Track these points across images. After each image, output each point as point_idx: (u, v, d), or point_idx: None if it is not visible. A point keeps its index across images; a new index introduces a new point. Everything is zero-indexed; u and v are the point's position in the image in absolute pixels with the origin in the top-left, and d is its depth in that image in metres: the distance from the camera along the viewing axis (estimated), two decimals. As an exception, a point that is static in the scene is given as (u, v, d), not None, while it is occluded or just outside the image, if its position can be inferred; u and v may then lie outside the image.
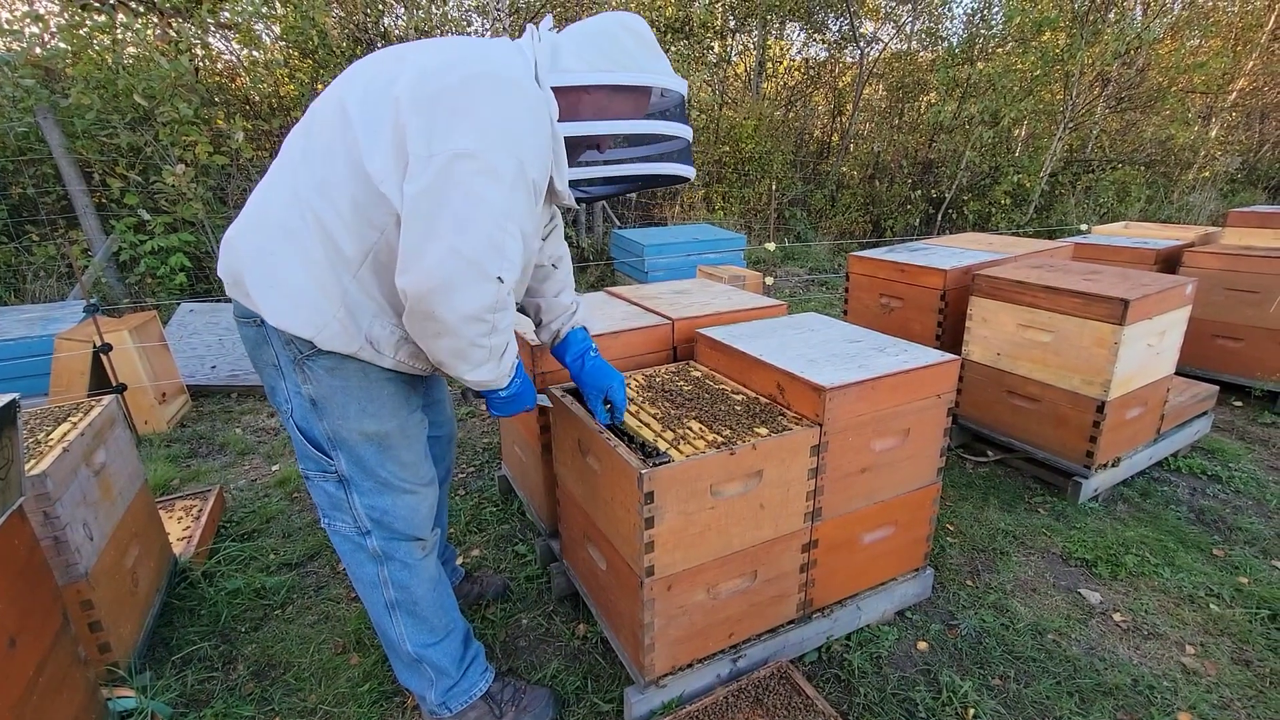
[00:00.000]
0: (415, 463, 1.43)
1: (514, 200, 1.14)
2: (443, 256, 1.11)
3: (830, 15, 9.31)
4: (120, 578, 1.76)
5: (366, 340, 1.25)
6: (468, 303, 1.14)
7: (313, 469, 1.40)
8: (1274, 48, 10.74)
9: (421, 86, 1.11)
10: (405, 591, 1.47)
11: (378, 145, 1.13)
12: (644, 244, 5.37)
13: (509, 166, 1.12)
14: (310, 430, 1.36)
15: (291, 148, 1.26)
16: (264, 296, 1.22)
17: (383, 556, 1.43)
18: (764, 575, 1.63)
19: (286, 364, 1.30)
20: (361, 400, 1.31)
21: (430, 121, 1.09)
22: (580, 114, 1.28)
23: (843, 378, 1.58)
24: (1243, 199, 10.19)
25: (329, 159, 1.18)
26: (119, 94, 4.57)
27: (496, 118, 1.11)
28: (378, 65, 1.22)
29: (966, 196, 8.69)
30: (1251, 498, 2.62)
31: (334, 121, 1.19)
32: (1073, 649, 1.87)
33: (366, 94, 1.18)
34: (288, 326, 1.21)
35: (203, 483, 2.86)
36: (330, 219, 1.17)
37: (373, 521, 1.41)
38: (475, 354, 1.23)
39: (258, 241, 1.23)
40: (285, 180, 1.23)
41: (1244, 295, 3.29)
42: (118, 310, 4.49)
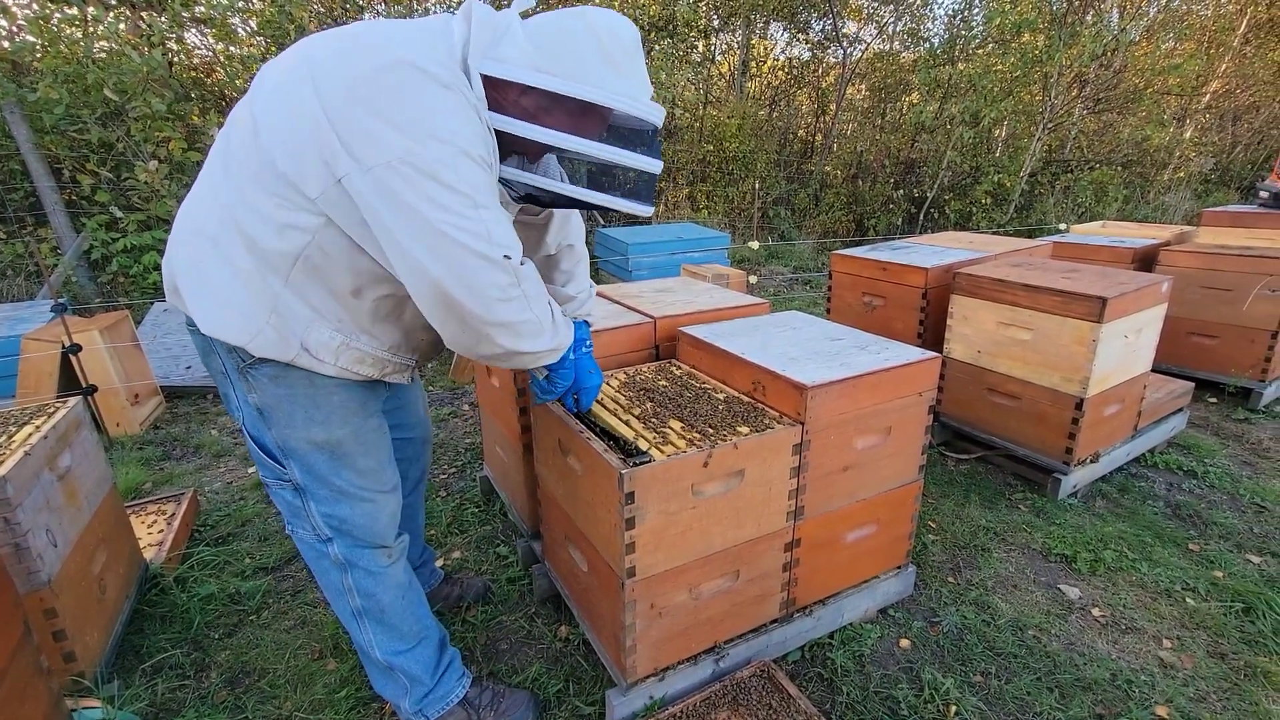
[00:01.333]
0: (374, 469, 1.38)
1: (472, 185, 1.07)
2: (439, 269, 1.07)
3: (813, 15, 9.35)
4: (86, 585, 1.71)
5: (302, 348, 1.20)
6: (487, 290, 1.10)
7: (269, 476, 1.36)
8: (1245, 51, 10.97)
9: (330, 90, 1.05)
10: (371, 599, 1.43)
11: (294, 151, 1.07)
12: (628, 243, 5.35)
13: (444, 154, 1.04)
14: (261, 438, 1.32)
15: (213, 156, 1.21)
16: (197, 305, 1.18)
17: (346, 564, 1.39)
18: (746, 575, 1.62)
19: (232, 372, 1.26)
20: (308, 408, 1.26)
21: (350, 132, 1.03)
22: (507, 111, 1.16)
23: (824, 376, 1.57)
24: (1216, 199, 10.39)
25: (245, 166, 1.13)
26: (89, 88, 4.46)
27: (409, 111, 1.03)
28: (284, 66, 1.14)
29: (948, 196, 8.78)
30: (1226, 492, 2.66)
31: (247, 130, 1.14)
32: (1052, 644, 1.89)
33: (272, 99, 1.12)
34: (220, 334, 1.17)
35: (176, 486, 2.79)
36: (252, 224, 1.12)
37: (332, 529, 1.37)
38: (524, 327, 1.18)
39: (187, 251, 1.19)
40: (208, 189, 1.19)
41: (1218, 293, 3.34)
42: (89, 310, 4.38)
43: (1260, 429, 3.23)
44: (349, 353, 1.25)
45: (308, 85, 1.07)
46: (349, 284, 1.19)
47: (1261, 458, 2.95)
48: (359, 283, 1.19)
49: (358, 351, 1.26)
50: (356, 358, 1.27)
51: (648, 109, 1.17)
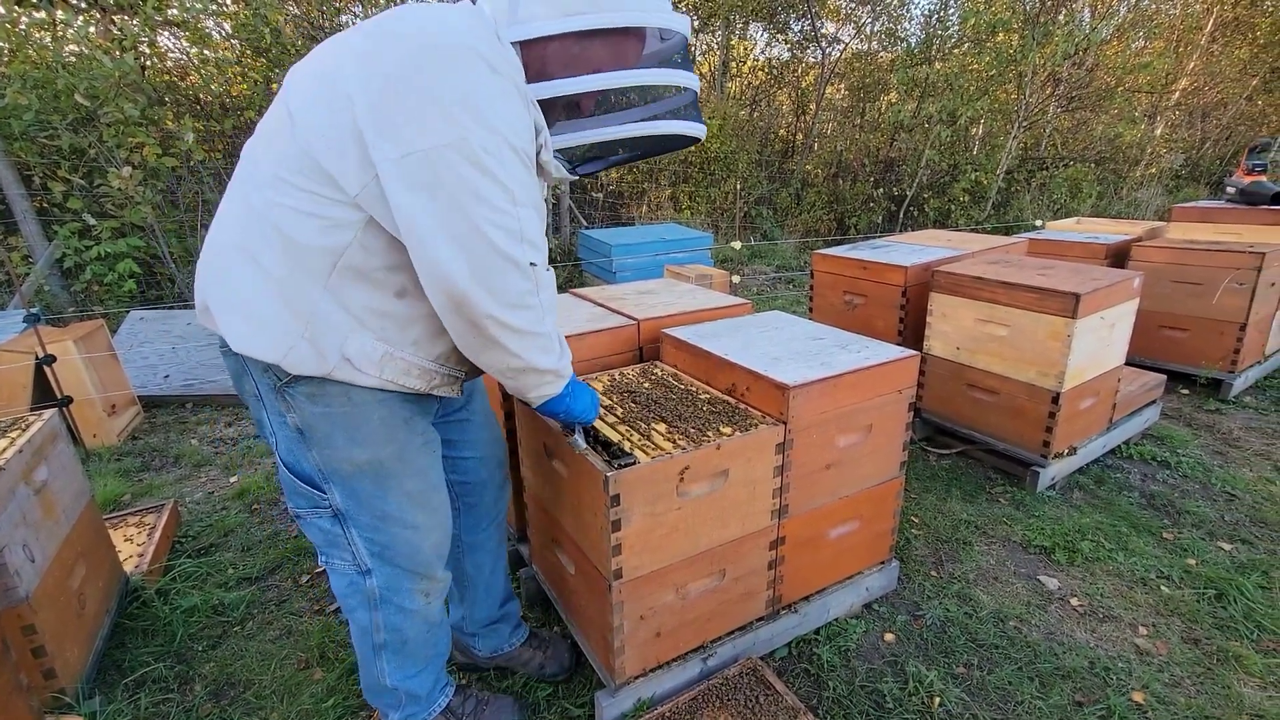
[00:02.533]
0: (422, 492, 1.29)
1: (510, 177, 1.03)
2: (461, 264, 1.02)
3: (792, 16, 9.42)
4: (65, 599, 1.68)
5: (343, 358, 1.11)
6: (504, 295, 1.06)
7: (304, 506, 1.27)
8: (1213, 49, 11.23)
9: (368, 76, 1.00)
10: (396, 634, 1.36)
11: (334, 144, 1.02)
12: (611, 244, 5.36)
13: (490, 143, 1.00)
14: (298, 464, 1.23)
15: (244, 161, 1.16)
16: (227, 321, 1.11)
17: (379, 600, 1.32)
18: (732, 574, 1.63)
19: (267, 392, 1.18)
20: (347, 428, 1.17)
21: (388, 117, 0.98)
22: (549, 70, 1.10)
23: (806, 375, 1.59)
24: (1186, 194, 10.63)
25: (282, 164, 1.07)
26: (59, 94, 4.37)
27: (457, 94, 0.98)
28: (318, 59, 1.10)
29: (927, 194, 8.89)
30: (1198, 482, 2.73)
31: (282, 128, 1.08)
32: (1033, 634, 1.92)
33: (310, 91, 1.07)
34: (251, 351, 1.10)
35: (156, 497, 2.76)
36: (291, 223, 1.05)
37: (373, 557, 1.29)
38: (537, 341, 1.14)
39: (216, 263, 1.13)
40: (237, 195, 1.13)
41: (1188, 287, 3.42)
42: (62, 320, 4.30)
43: (1230, 419, 3.31)
44: (393, 363, 1.16)
45: (349, 69, 1.01)
46: (394, 285, 1.12)
47: (1232, 447, 3.03)
48: (404, 284, 1.12)
49: (403, 362, 1.17)
50: (402, 369, 1.18)
51: (680, 21, 1.14)
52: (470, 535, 1.62)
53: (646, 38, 1.14)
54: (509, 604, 1.75)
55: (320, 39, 5.76)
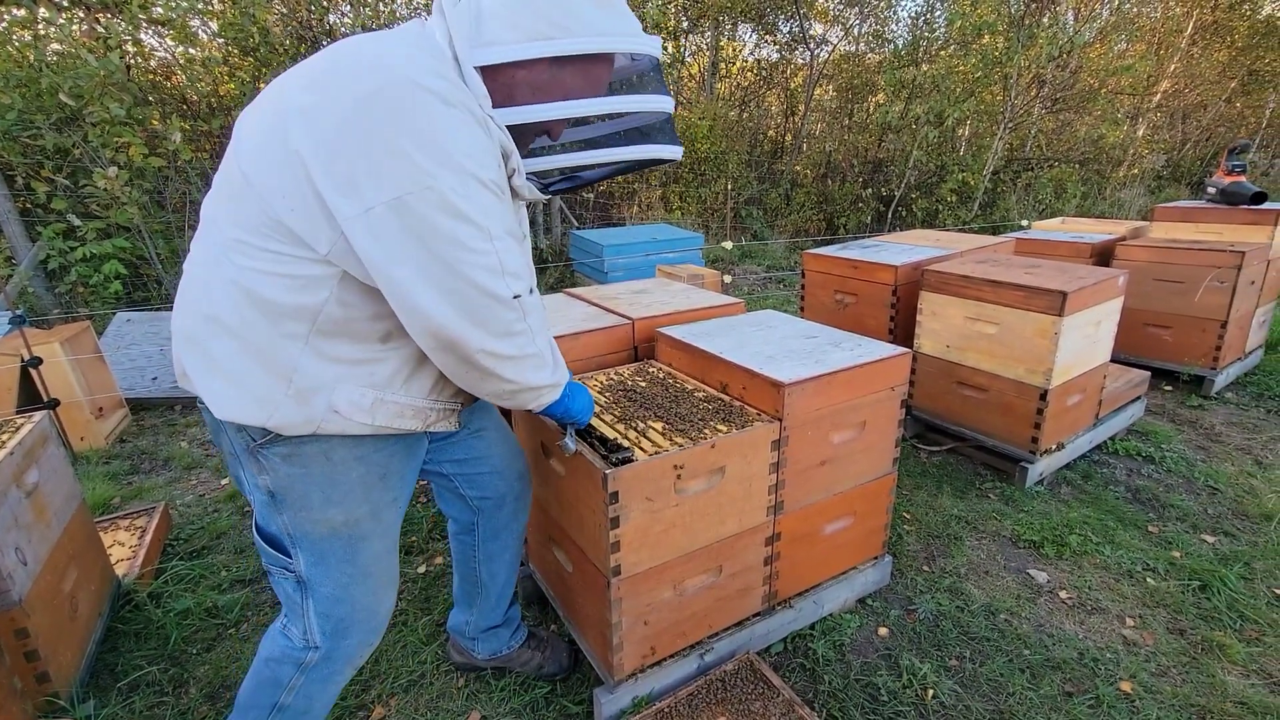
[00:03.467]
0: (389, 552, 1.27)
1: (481, 213, 1.00)
2: (446, 309, 1.01)
3: (780, 17, 9.47)
4: (58, 603, 1.67)
5: (331, 411, 1.08)
6: (491, 328, 1.06)
7: (272, 563, 1.23)
8: (1192, 52, 11.41)
9: (315, 134, 0.95)
10: (306, 702, 1.29)
11: (296, 205, 0.98)
12: (603, 244, 5.37)
13: (455, 183, 0.96)
14: (267, 527, 1.20)
15: (204, 222, 1.11)
16: (206, 385, 1.08)
17: (311, 667, 1.25)
18: (729, 570, 1.65)
19: (241, 453, 1.14)
20: (324, 488, 1.14)
21: (343, 175, 0.94)
22: (517, 97, 1.06)
23: (800, 373, 1.61)
24: (1168, 194, 10.80)
25: (244, 225, 1.02)
26: (43, 93, 4.32)
27: (410, 137, 0.94)
28: (260, 112, 1.05)
29: (915, 194, 8.97)
30: (1182, 476, 2.78)
31: (239, 186, 1.03)
32: (1023, 627, 1.96)
33: (261, 151, 1.01)
34: (234, 416, 1.06)
35: (146, 500, 2.73)
36: (262, 286, 1.01)
37: (325, 635, 1.23)
38: (529, 361, 1.15)
39: (189, 327, 1.09)
40: (204, 254, 1.08)
41: (1171, 285, 3.49)
42: (47, 321, 4.24)
43: (1212, 414, 3.37)
44: (385, 408, 1.14)
45: (296, 128, 0.96)
46: (377, 333, 1.10)
47: (1214, 442, 3.09)
48: (388, 329, 1.10)
49: (395, 405, 1.15)
50: (395, 412, 1.16)
51: (652, 43, 1.11)
52: (489, 545, 1.61)
53: (616, 61, 1.12)
54: (512, 609, 1.75)
55: (308, 39, 5.72)
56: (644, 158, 1.15)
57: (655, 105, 1.13)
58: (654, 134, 1.17)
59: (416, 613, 2.02)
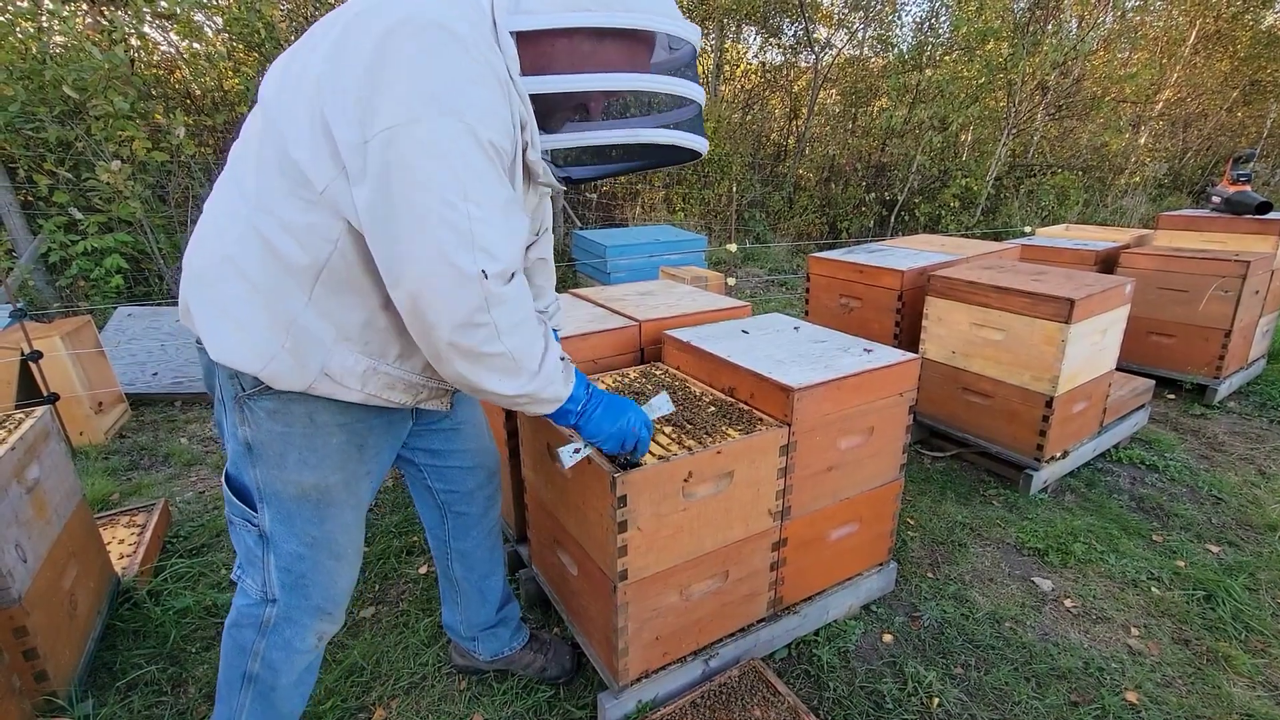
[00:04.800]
0: (356, 525, 1.26)
1: (467, 170, 0.94)
2: (407, 263, 0.95)
3: (785, 20, 9.48)
4: (57, 601, 1.65)
5: (323, 373, 1.08)
6: (451, 310, 0.97)
7: (235, 514, 1.22)
8: (1195, 61, 11.43)
9: (336, 58, 0.94)
10: (271, 672, 1.27)
11: (305, 133, 0.96)
12: (606, 245, 5.36)
13: (449, 131, 0.91)
14: (239, 476, 1.19)
15: (231, 158, 1.11)
16: (207, 326, 1.07)
17: (270, 628, 1.24)
18: (735, 575, 1.64)
19: (228, 399, 1.14)
20: (302, 450, 1.14)
21: (354, 101, 0.92)
22: (552, 66, 1.03)
23: (809, 378, 1.60)
24: (1170, 203, 10.81)
25: (262, 164, 1.02)
26: (46, 85, 4.30)
27: (423, 73, 0.91)
28: (298, 47, 1.04)
29: (917, 199, 8.97)
30: (1185, 485, 2.78)
31: (260, 119, 1.04)
32: (1028, 635, 1.95)
33: (284, 76, 1.01)
34: (230, 360, 1.06)
35: (145, 496, 2.71)
36: (274, 233, 1.01)
37: (284, 588, 1.22)
38: (492, 363, 1.04)
39: (201, 265, 1.08)
40: (225, 194, 1.09)
41: (1175, 294, 3.48)
42: (47, 315, 4.23)
43: (1216, 424, 3.37)
44: (377, 378, 1.13)
45: (320, 54, 0.96)
46: (378, 296, 1.08)
47: (1217, 451, 3.09)
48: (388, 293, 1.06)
49: (386, 376, 1.14)
50: (386, 383, 1.14)
51: (692, 30, 1.08)
52: (459, 543, 1.60)
53: (655, 45, 1.09)
54: (507, 607, 1.73)
55: (313, 35, 5.70)
56: (668, 142, 1.10)
57: (685, 90, 1.08)
58: (684, 125, 1.13)
59: (418, 614, 2.00)
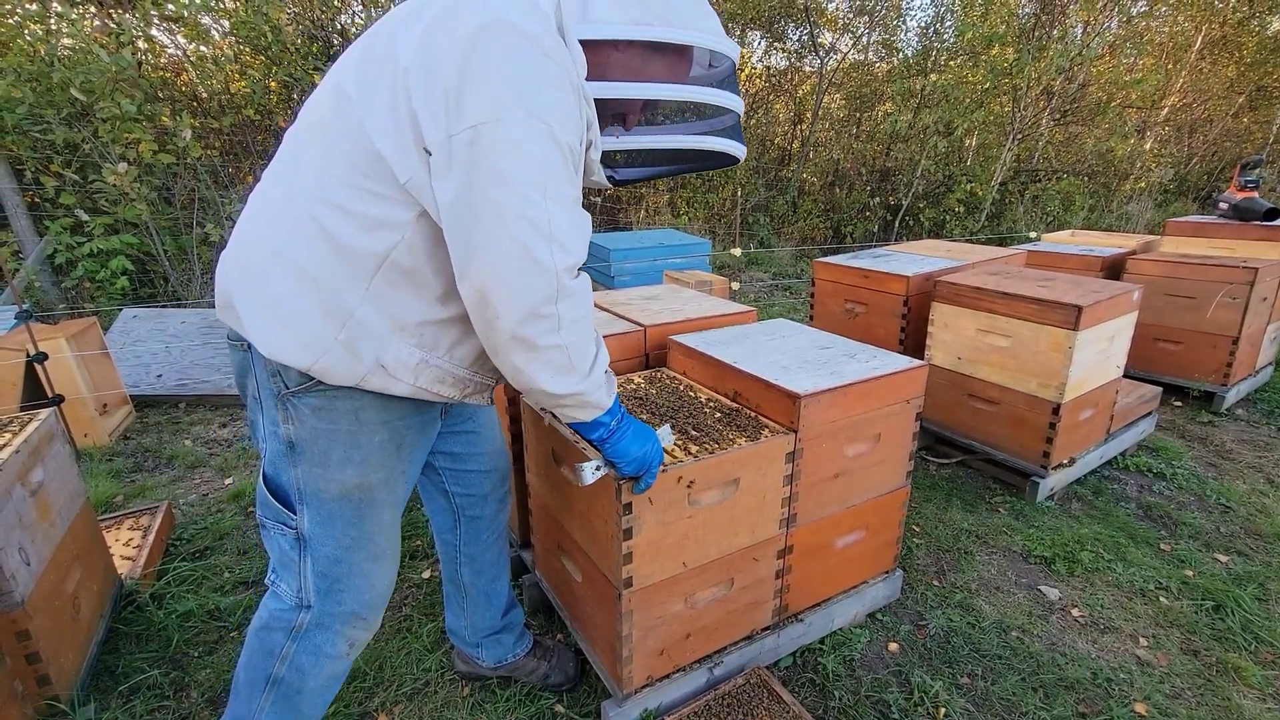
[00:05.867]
0: (393, 525, 1.26)
1: (547, 170, 0.98)
2: (482, 253, 0.98)
3: (790, 25, 9.48)
4: (61, 604, 1.65)
5: (378, 365, 1.08)
6: (521, 299, 0.99)
7: (270, 517, 1.21)
8: (1201, 66, 11.40)
9: (427, 51, 0.96)
10: (298, 675, 1.25)
11: (388, 123, 0.98)
12: (610, 248, 5.35)
13: (532, 131, 0.96)
14: (277, 476, 1.18)
15: (285, 148, 1.11)
16: (254, 321, 1.06)
17: (302, 633, 1.23)
18: (740, 583, 1.62)
19: (268, 398, 1.13)
20: (346, 447, 1.14)
21: (441, 95, 0.95)
22: (610, 74, 1.11)
23: (816, 384, 1.59)
24: (1175, 208, 10.78)
25: (330, 153, 1.02)
26: (54, 87, 4.32)
27: (509, 75, 0.95)
28: (376, 32, 1.06)
29: (922, 204, 8.95)
30: (1193, 494, 2.76)
31: (332, 107, 1.03)
32: (1035, 645, 1.93)
33: (365, 65, 1.03)
34: (280, 356, 1.05)
35: (149, 498, 2.71)
36: (336, 223, 1.01)
37: (319, 594, 1.21)
38: (548, 356, 1.06)
39: (248, 259, 1.08)
40: (278, 185, 1.09)
41: (1182, 301, 3.46)
42: (52, 316, 4.24)
43: (1223, 431, 3.35)
44: (429, 371, 1.14)
45: (410, 45, 0.97)
46: (438, 288, 1.09)
47: (1225, 459, 3.06)
48: (448, 286, 1.08)
49: (438, 369, 1.15)
50: (437, 376, 1.15)
51: (734, 47, 1.19)
52: (470, 547, 1.60)
53: (695, 59, 1.18)
54: (511, 613, 1.73)
55: (320, 38, 5.73)
56: (714, 148, 1.22)
57: (729, 102, 1.19)
58: (726, 131, 1.23)
59: (421, 618, 2.00)
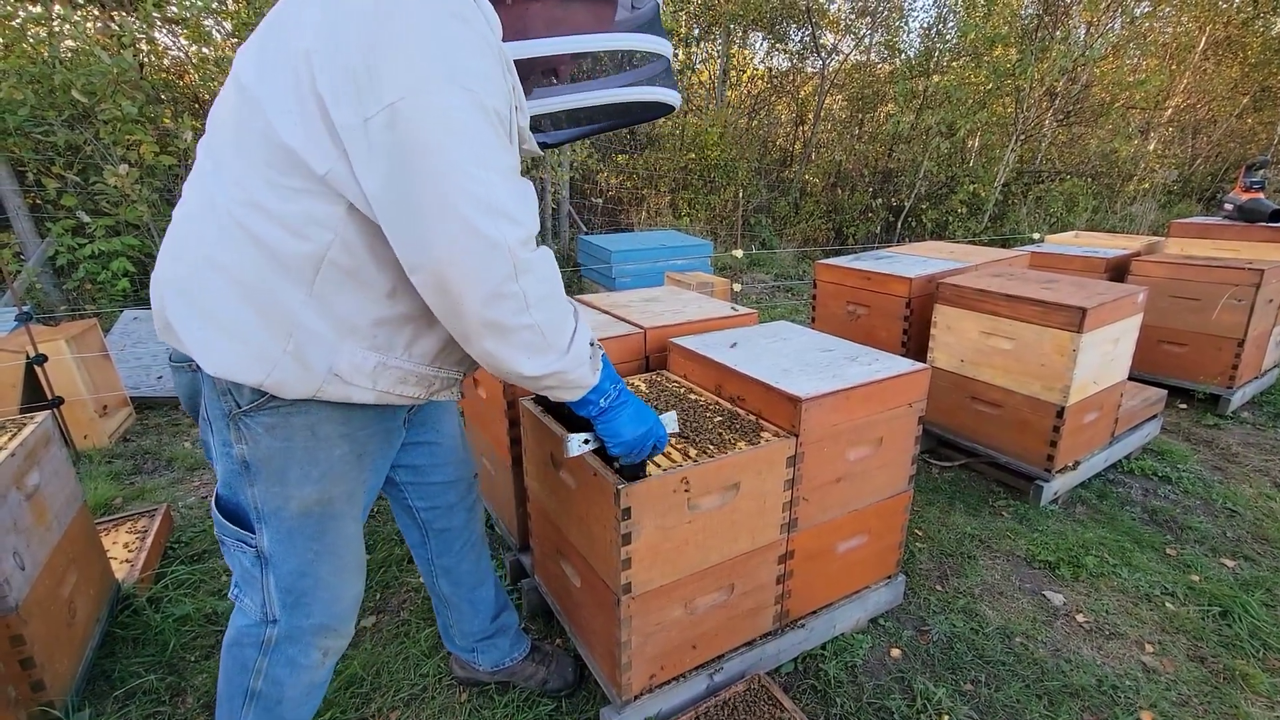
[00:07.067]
0: (356, 536, 1.22)
1: (479, 140, 0.91)
2: (432, 243, 0.90)
3: (792, 26, 9.47)
4: (56, 609, 1.64)
5: (332, 374, 1.02)
6: (480, 281, 0.92)
7: (229, 535, 1.16)
8: (1205, 67, 11.36)
9: (329, 30, 0.89)
10: (275, 687, 1.22)
11: (294, 114, 0.91)
12: (611, 250, 5.34)
13: (456, 99, 0.88)
14: (233, 497, 1.13)
15: (200, 157, 1.04)
16: (196, 339, 0.99)
17: (273, 647, 1.19)
18: (741, 588, 1.61)
19: (218, 418, 1.08)
20: (304, 464, 1.09)
21: (349, 75, 0.87)
22: (531, 29, 1.04)
23: (818, 388, 1.57)
24: (1179, 209, 10.74)
25: (242, 151, 0.95)
26: (55, 89, 4.32)
27: (422, 45, 0.87)
28: (274, 16, 0.98)
29: (925, 205, 8.93)
30: (1199, 498, 2.73)
31: (236, 104, 0.96)
32: (1039, 651, 1.91)
33: (263, 54, 0.95)
34: (229, 373, 0.99)
35: (148, 501, 2.70)
36: (263, 227, 0.94)
37: (285, 608, 1.17)
38: (520, 337, 0.98)
39: (179, 274, 1.00)
40: (199, 197, 1.01)
41: (1187, 302, 3.44)
42: (53, 318, 4.24)
43: (1229, 434, 3.32)
44: (388, 373, 1.08)
45: (309, 22, 0.90)
46: (385, 284, 1.02)
47: (1231, 462, 3.04)
48: (394, 280, 1.02)
49: (398, 370, 1.09)
50: (398, 377, 1.10)
51: None
52: (443, 559, 1.57)
53: (619, 5, 1.12)
54: (503, 616, 1.69)
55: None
56: (645, 98, 1.15)
57: (656, 45, 1.13)
58: (657, 79, 1.17)
59: (419, 623, 1.98)
